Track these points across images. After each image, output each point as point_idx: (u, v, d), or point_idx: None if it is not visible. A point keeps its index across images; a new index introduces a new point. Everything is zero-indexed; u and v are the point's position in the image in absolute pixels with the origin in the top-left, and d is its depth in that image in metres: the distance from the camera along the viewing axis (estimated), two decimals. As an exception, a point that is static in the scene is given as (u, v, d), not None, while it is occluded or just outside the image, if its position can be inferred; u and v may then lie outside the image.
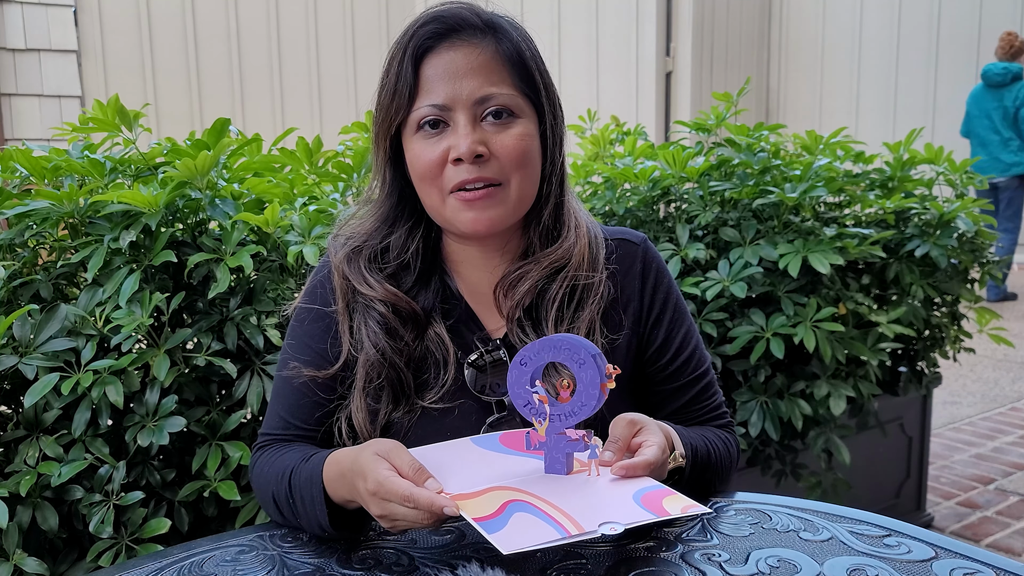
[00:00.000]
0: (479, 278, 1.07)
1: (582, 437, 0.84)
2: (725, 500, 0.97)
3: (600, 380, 0.82)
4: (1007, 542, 2.56)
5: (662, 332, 1.07)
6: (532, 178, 1.01)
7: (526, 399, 0.86)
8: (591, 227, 1.08)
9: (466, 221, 0.97)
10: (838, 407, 1.96)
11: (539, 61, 1.01)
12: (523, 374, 0.86)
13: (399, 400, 1.01)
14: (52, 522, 1.23)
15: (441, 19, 0.97)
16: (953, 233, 2.20)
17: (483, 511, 0.77)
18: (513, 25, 1.01)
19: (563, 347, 0.83)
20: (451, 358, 1.01)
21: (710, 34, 7.89)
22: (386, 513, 0.81)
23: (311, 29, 7.19)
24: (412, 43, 0.96)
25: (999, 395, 4.07)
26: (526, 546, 0.71)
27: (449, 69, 0.96)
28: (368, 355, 1.00)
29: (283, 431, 1.05)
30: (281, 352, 1.08)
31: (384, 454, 0.83)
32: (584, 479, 0.85)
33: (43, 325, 1.28)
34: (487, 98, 0.96)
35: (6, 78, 5.19)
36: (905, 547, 0.84)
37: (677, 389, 1.08)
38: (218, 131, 1.51)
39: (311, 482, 0.91)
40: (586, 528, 0.74)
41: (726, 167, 2.15)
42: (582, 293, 1.03)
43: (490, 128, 0.97)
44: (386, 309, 1.02)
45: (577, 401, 0.84)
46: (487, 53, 0.97)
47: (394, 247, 1.05)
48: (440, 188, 0.98)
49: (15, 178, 1.57)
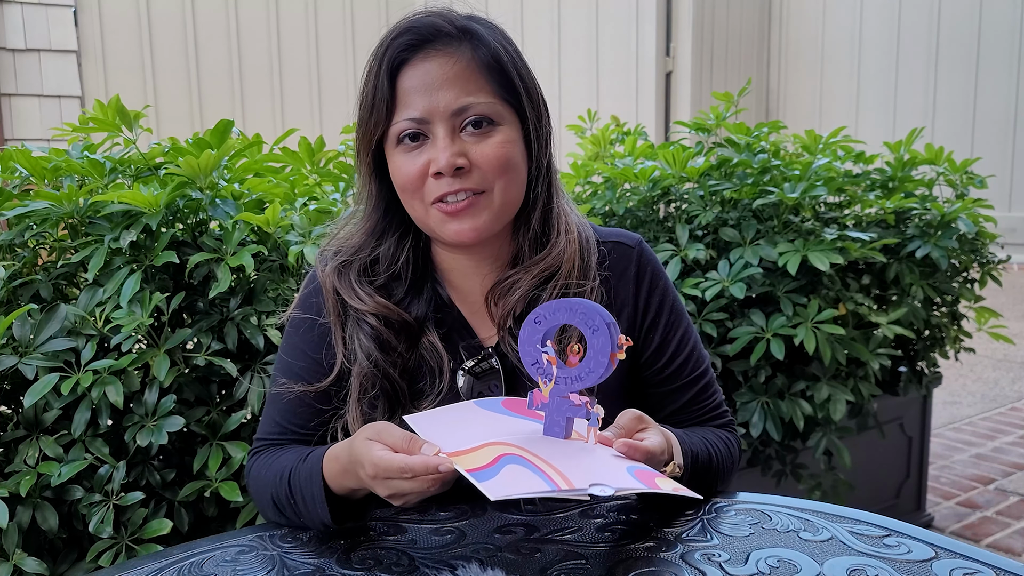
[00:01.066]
0: (470, 286, 1.06)
1: (585, 403, 0.84)
2: (725, 500, 0.97)
3: (611, 349, 0.82)
4: (1007, 542, 2.56)
5: (658, 336, 1.07)
6: (516, 183, 0.99)
7: (535, 357, 0.86)
8: (583, 230, 1.07)
9: (450, 232, 0.97)
10: (838, 411, 1.96)
11: (519, 64, 0.99)
12: (535, 332, 0.86)
13: (395, 409, 1.01)
14: (52, 522, 1.23)
15: (414, 30, 0.95)
16: (954, 234, 2.20)
17: (476, 463, 0.77)
18: (490, 28, 0.99)
19: (579, 310, 0.83)
20: (445, 366, 1.01)
21: (710, 34, 7.89)
22: (393, 491, 0.82)
23: (311, 29, 7.19)
24: (387, 56, 0.95)
25: (999, 395, 4.07)
26: (514, 494, 0.71)
27: (425, 81, 0.94)
28: (362, 366, 1.00)
29: (279, 436, 1.05)
30: (276, 362, 1.08)
31: (375, 436, 0.84)
32: (581, 445, 0.84)
33: (43, 325, 1.28)
34: (464, 108, 0.94)
35: (6, 78, 5.19)
36: (905, 547, 0.84)
37: (675, 390, 1.08)
38: (221, 132, 1.51)
39: (311, 480, 0.91)
40: (576, 485, 0.74)
41: (726, 167, 2.15)
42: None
43: (469, 138, 0.95)
44: (377, 322, 1.01)
45: (585, 366, 0.83)
46: (463, 62, 0.95)
47: (384, 258, 1.04)
48: (423, 200, 0.97)
49: (15, 178, 1.57)
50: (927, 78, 7.85)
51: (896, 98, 8.07)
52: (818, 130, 2.38)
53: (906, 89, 8.00)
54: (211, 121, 1.49)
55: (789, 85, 8.83)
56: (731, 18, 8.22)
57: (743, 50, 8.46)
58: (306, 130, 1.92)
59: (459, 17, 0.98)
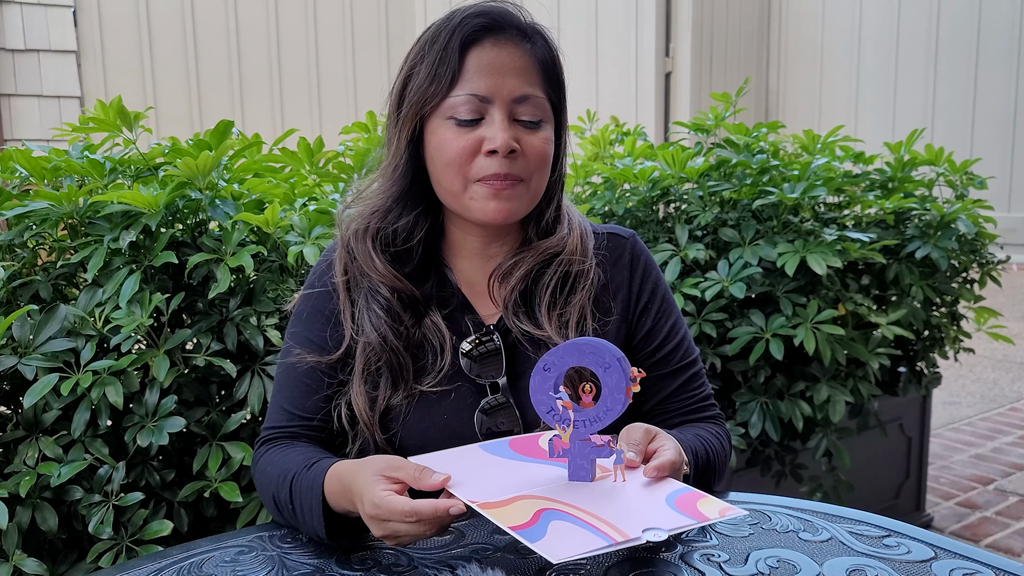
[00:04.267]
0: (475, 269, 1.10)
1: (607, 443, 0.83)
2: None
3: (625, 384, 0.81)
4: (1006, 542, 2.56)
5: (649, 320, 1.10)
6: (545, 178, 1.05)
7: (549, 405, 0.85)
8: (582, 222, 1.13)
9: (488, 210, 1.00)
10: (837, 412, 1.96)
11: (562, 72, 1.06)
12: (546, 380, 0.84)
13: (397, 385, 1.03)
14: (52, 523, 1.23)
15: (491, 15, 1.00)
16: (953, 235, 2.20)
17: (516, 520, 0.75)
18: (548, 35, 1.05)
19: (588, 351, 0.82)
20: (447, 344, 1.04)
21: (709, 35, 7.89)
22: (388, 533, 0.81)
23: (311, 30, 7.19)
24: (460, 30, 0.98)
25: (998, 395, 4.07)
26: (576, 554, 0.69)
27: (494, 64, 0.98)
28: (369, 338, 1.02)
29: (287, 423, 1.06)
30: (283, 343, 1.10)
31: (385, 471, 0.83)
32: (611, 485, 0.83)
33: (42, 325, 1.28)
34: (525, 97, 0.99)
35: (5, 79, 5.19)
36: (904, 547, 0.84)
37: (665, 376, 1.10)
38: (221, 132, 1.51)
39: (311, 492, 0.91)
40: (630, 535, 0.72)
41: (725, 167, 2.15)
42: (574, 280, 1.07)
43: (521, 129, 1.00)
44: (391, 294, 1.04)
45: (603, 406, 0.82)
46: (527, 56, 1.01)
47: (402, 231, 1.06)
48: (465, 176, 1.00)
49: (14, 179, 1.57)
50: (927, 78, 7.85)
51: (895, 98, 8.07)
52: (817, 130, 2.38)
53: (905, 89, 8.00)
54: (211, 121, 1.49)
55: (788, 85, 8.83)
56: (730, 18, 8.22)
57: (742, 50, 8.46)
58: (305, 130, 1.92)
59: (528, 15, 1.04)
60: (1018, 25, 7.29)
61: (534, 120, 1.00)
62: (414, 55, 1.02)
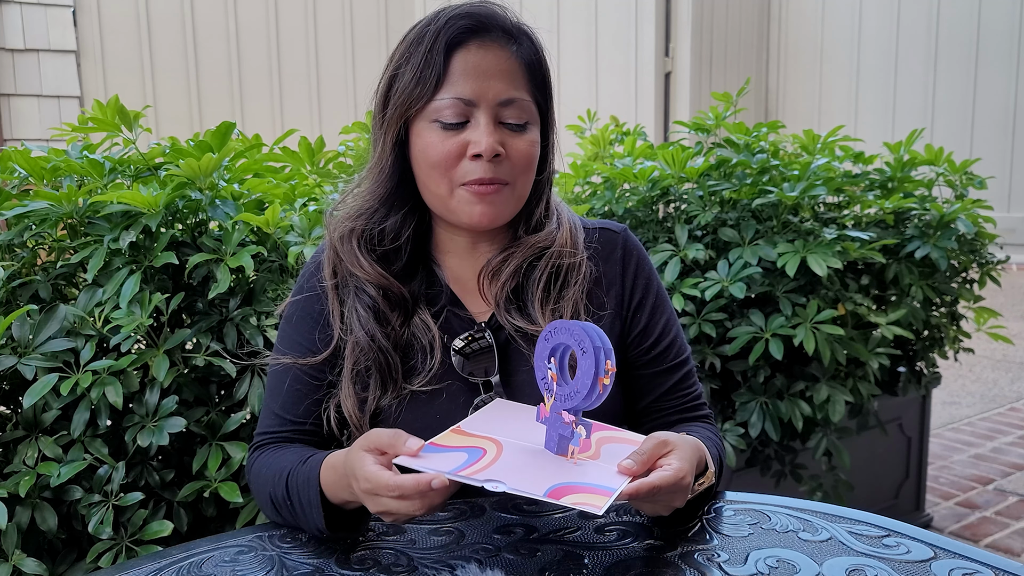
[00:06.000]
0: (464, 266, 1.09)
1: (571, 423, 0.84)
2: (724, 500, 0.97)
3: (597, 373, 0.81)
4: (1006, 542, 2.56)
5: (644, 316, 1.09)
6: (531, 181, 1.04)
7: (543, 373, 0.87)
8: (571, 217, 1.12)
9: (473, 213, 1.00)
10: (837, 412, 1.96)
11: (549, 73, 1.05)
12: (544, 348, 0.87)
13: (387, 385, 1.02)
14: (51, 523, 1.23)
15: (476, 16, 0.99)
16: (953, 235, 2.20)
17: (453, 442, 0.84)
18: (534, 35, 1.04)
19: (575, 331, 0.83)
20: (437, 343, 1.03)
21: (709, 34, 7.89)
22: (381, 509, 0.81)
23: (311, 30, 7.19)
24: (445, 32, 0.98)
25: (998, 395, 4.07)
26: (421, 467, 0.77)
27: (480, 66, 0.98)
28: (357, 338, 1.02)
29: (279, 428, 1.05)
30: (274, 348, 1.10)
31: (366, 444, 0.83)
32: (557, 459, 0.84)
33: (42, 325, 1.28)
34: (511, 101, 0.99)
35: (5, 78, 5.19)
36: (904, 547, 0.84)
37: (660, 374, 1.09)
38: (222, 133, 1.51)
39: (308, 485, 0.91)
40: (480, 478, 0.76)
41: (725, 167, 2.15)
42: (566, 274, 1.06)
43: (506, 132, 0.99)
44: (377, 292, 1.03)
45: (573, 387, 0.83)
46: (513, 58, 1.00)
47: (389, 231, 1.06)
48: (450, 180, 0.99)
49: (14, 179, 1.57)
50: (926, 78, 7.85)
51: (895, 98, 8.07)
52: (817, 130, 2.38)
53: (905, 89, 8.00)
54: (210, 121, 1.49)
55: (788, 85, 8.83)
56: (730, 18, 8.22)
57: (742, 50, 8.45)
58: (305, 130, 1.92)
59: (514, 15, 1.02)
60: (1018, 25, 7.29)
61: (519, 123, 1.00)
62: (399, 55, 1.01)
